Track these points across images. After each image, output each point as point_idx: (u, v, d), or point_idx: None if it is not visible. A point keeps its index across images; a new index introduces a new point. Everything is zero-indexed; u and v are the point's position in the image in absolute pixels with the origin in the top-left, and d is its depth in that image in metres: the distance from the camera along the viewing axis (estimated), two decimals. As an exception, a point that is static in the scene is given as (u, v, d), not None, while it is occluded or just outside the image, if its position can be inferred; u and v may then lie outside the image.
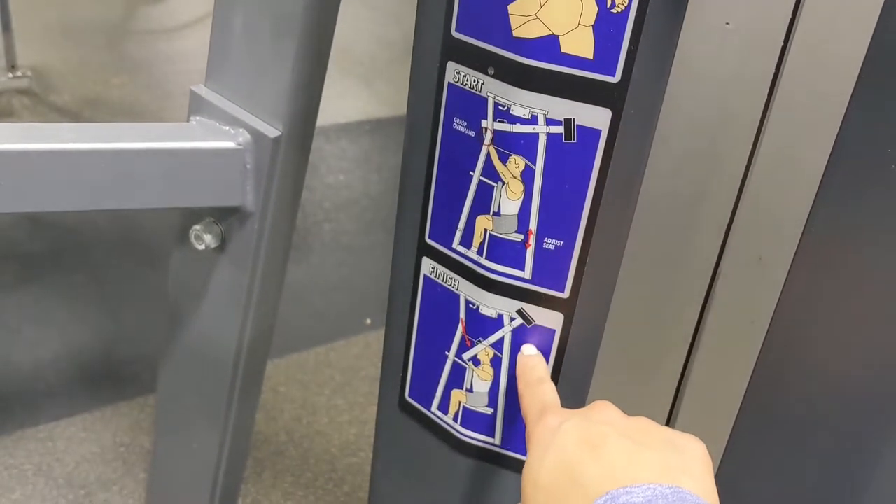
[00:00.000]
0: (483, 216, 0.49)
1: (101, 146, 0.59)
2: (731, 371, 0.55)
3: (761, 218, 0.53)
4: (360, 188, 2.52)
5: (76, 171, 0.58)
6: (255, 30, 0.61)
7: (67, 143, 0.58)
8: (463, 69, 0.47)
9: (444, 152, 0.50)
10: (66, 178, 0.58)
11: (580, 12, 0.42)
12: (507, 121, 0.46)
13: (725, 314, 0.54)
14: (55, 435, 1.50)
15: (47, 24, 3.13)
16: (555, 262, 0.49)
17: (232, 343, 0.73)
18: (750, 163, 0.51)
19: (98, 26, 3.25)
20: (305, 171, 0.68)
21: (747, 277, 0.54)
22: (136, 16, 3.48)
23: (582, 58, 0.43)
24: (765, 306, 0.53)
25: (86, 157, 0.58)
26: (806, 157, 0.47)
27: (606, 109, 0.44)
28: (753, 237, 0.53)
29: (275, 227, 0.66)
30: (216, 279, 0.70)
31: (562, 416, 0.45)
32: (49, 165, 0.57)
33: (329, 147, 2.67)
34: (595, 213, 0.47)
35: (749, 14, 0.49)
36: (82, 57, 2.96)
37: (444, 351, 0.55)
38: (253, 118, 0.62)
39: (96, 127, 0.60)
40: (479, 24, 0.45)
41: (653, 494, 0.37)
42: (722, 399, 0.55)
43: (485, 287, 0.51)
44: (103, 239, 2.07)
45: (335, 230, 2.31)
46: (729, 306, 0.54)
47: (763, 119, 0.49)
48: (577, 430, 0.42)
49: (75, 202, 0.59)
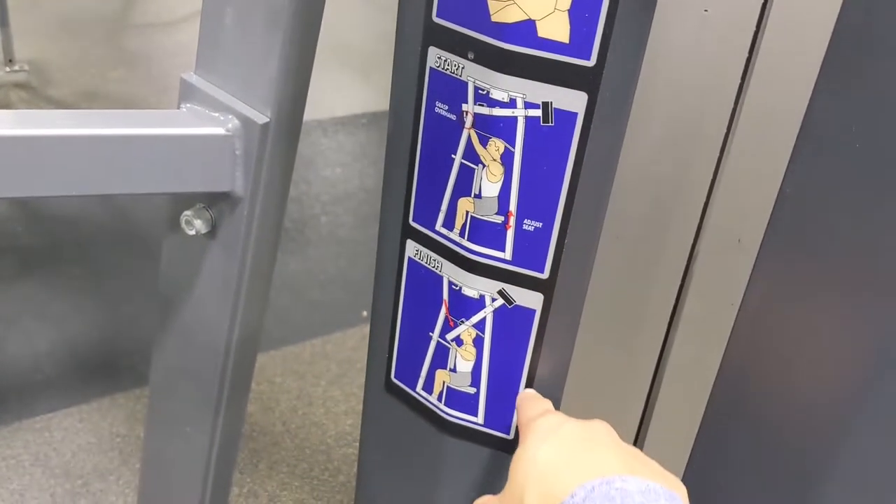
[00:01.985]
0: (465, 198, 0.51)
1: (92, 132, 0.60)
2: (707, 351, 0.56)
3: (739, 200, 0.54)
4: (357, 181, 2.53)
5: (67, 157, 0.59)
6: (244, 18, 0.62)
7: (58, 129, 0.59)
8: (444, 54, 0.48)
9: (426, 136, 0.51)
10: (56, 163, 0.59)
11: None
12: (487, 104, 0.47)
13: (703, 295, 0.55)
14: (52, 425, 1.51)
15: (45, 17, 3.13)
16: (534, 243, 0.50)
17: (223, 328, 0.74)
18: (725, 144, 0.52)
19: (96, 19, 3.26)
20: (294, 158, 0.69)
21: (725, 259, 0.55)
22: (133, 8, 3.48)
23: (558, 42, 0.44)
24: (742, 288, 0.54)
25: (76, 143, 0.59)
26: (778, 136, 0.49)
27: (582, 93, 0.45)
28: (731, 219, 0.54)
29: (264, 212, 0.67)
30: (207, 264, 0.71)
31: (565, 418, 0.47)
32: (39, 151, 0.58)
33: (326, 140, 2.68)
34: (573, 194, 0.49)
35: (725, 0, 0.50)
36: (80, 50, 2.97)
37: (429, 332, 0.56)
38: (242, 105, 0.63)
39: (87, 113, 0.61)
40: (459, 9, 0.46)
41: (647, 488, 0.38)
42: (699, 377, 0.56)
43: (467, 268, 0.52)
44: (101, 231, 2.08)
45: (332, 223, 2.32)
46: (706, 287, 0.55)
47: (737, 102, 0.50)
48: (581, 430, 0.44)
49: (65, 188, 0.60)
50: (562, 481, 0.40)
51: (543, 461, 0.42)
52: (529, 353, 0.53)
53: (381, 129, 2.80)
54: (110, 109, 0.57)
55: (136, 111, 0.63)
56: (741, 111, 0.52)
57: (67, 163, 0.59)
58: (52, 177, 0.59)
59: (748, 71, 0.51)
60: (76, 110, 0.61)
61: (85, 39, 3.11)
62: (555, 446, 0.43)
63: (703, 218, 0.55)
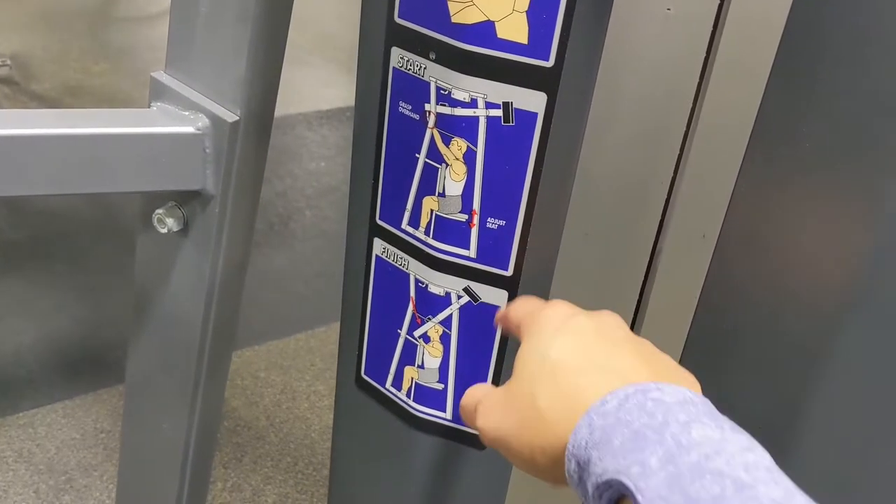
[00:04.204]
0: (429, 197, 0.51)
1: (62, 132, 0.60)
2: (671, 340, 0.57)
3: (700, 195, 0.55)
4: (342, 175, 2.53)
5: (37, 157, 0.59)
6: (213, 17, 0.62)
7: (27, 129, 0.59)
8: (406, 54, 0.49)
9: (390, 135, 0.52)
10: (26, 163, 0.59)
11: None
12: (449, 104, 0.48)
13: (666, 289, 0.56)
14: (36, 421, 1.51)
15: (28, 11, 3.11)
16: (498, 241, 0.51)
17: (197, 324, 0.75)
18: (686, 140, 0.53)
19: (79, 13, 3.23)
20: (266, 155, 0.70)
21: (688, 254, 0.56)
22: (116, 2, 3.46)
23: (517, 43, 0.45)
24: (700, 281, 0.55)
25: (47, 143, 0.59)
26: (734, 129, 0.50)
27: (542, 93, 0.46)
28: (693, 214, 0.55)
29: (236, 209, 0.68)
30: (180, 262, 0.72)
31: (573, 308, 0.42)
32: (8, 150, 0.58)
33: (310, 134, 2.68)
34: (535, 193, 0.49)
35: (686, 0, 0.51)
36: (63, 44, 2.95)
37: (397, 329, 0.56)
38: (212, 103, 0.63)
39: (58, 113, 0.61)
40: (420, 10, 0.47)
41: (684, 398, 0.34)
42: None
43: (433, 266, 0.53)
44: (84, 226, 2.07)
45: (316, 216, 2.32)
46: (669, 281, 0.56)
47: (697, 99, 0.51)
48: (594, 324, 0.39)
49: (36, 187, 0.60)
50: (582, 382, 0.36)
51: (556, 358, 0.37)
52: (496, 350, 0.54)
53: (366, 122, 2.79)
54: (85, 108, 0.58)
55: (105, 110, 0.64)
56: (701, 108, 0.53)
57: (38, 162, 0.59)
58: (21, 176, 0.59)
59: (707, 68, 0.52)
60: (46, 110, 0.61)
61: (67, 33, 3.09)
62: (568, 342, 0.38)
63: (666, 213, 0.56)
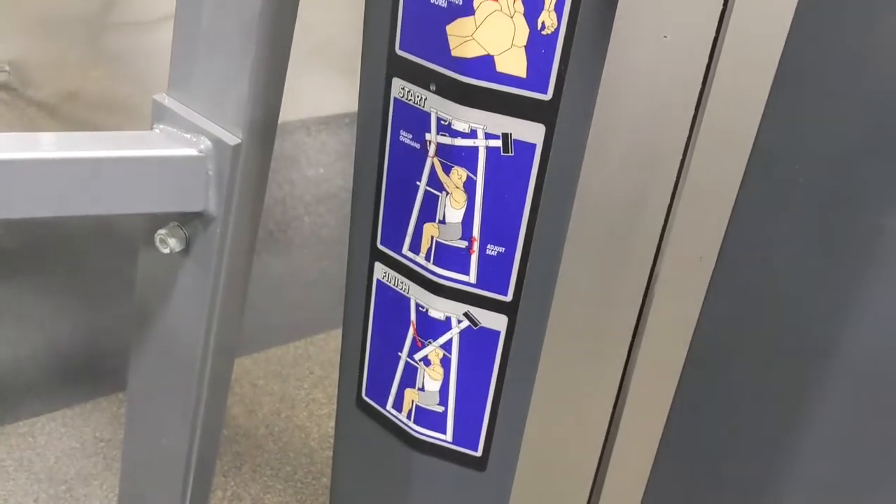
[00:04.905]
0: (430, 224, 0.52)
1: (68, 155, 0.61)
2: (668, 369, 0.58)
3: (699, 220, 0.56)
4: (341, 181, 2.53)
5: (42, 180, 0.60)
6: (214, 41, 0.63)
7: (33, 153, 0.60)
8: (407, 85, 0.49)
9: (392, 163, 0.52)
10: (31, 185, 0.60)
11: (513, 34, 0.44)
12: (449, 134, 0.48)
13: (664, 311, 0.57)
14: (35, 430, 1.52)
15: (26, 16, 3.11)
16: (497, 267, 0.52)
17: (199, 342, 0.75)
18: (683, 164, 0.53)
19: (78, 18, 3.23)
20: (267, 176, 0.70)
21: (685, 277, 0.57)
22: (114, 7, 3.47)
23: (516, 76, 0.46)
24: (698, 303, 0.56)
25: (51, 166, 0.60)
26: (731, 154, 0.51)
27: (540, 125, 0.47)
28: (690, 237, 0.56)
29: (237, 230, 0.68)
30: (181, 281, 0.72)
31: None
32: (14, 174, 0.59)
33: (309, 140, 2.68)
34: (533, 220, 0.50)
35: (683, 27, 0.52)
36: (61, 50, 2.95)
37: (397, 351, 0.57)
38: (214, 126, 0.64)
39: (61, 136, 0.62)
40: (421, 43, 0.48)
41: None
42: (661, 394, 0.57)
43: (433, 291, 0.53)
44: (83, 231, 2.07)
45: (315, 223, 2.32)
46: (667, 305, 0.56)
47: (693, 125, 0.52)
48: None
49: (40, 209, 0.61)
50: None
51: None
52: (495, 373, 0.55)
53: (364, 128, 2.79)
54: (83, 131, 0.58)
55: (108, 133, 0.64)
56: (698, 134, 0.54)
57: (42, 185, 0.60)
58: (25, 199, 0.60)
59: (703, 95, 0.53)
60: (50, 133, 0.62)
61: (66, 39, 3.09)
62: None
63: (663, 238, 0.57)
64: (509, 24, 0.44)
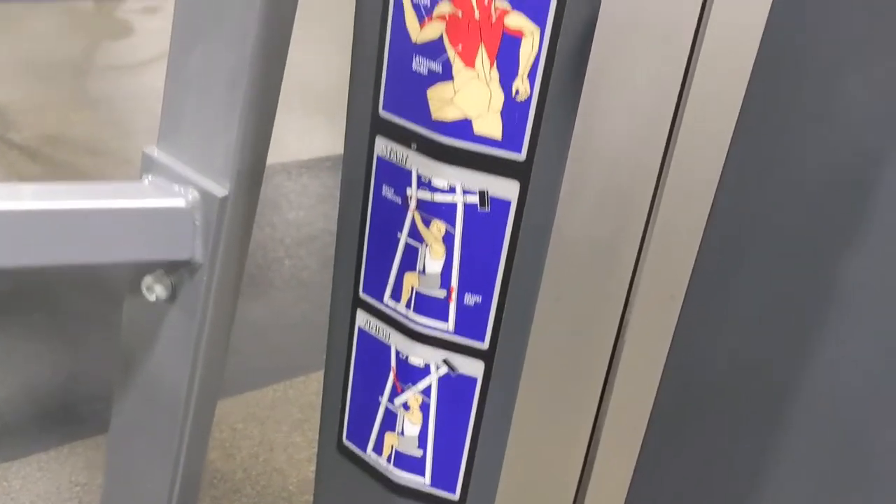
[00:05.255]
0: (410, 274, 0.54)
1: (58, 206, 0.63)
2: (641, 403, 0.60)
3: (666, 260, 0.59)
4: (321, 224, 2.56)
5: (32, 230, 0.62)
6: (203, 97, 0.66)
7: (24, 204, 0.61)
8: (390, 143, 0.52)
9: (374, 216, 0.55)
10: (21, 235, 0.62)
11: (489, 99, 0.47)
12: (429, 190, 0.51)
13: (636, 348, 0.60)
14: (10, 474, 1.50)
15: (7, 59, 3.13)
16: (475, 315, 0.54)
17: (182, 387, 0.77)
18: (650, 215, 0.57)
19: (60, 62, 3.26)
20: (252, 225, 0.73)
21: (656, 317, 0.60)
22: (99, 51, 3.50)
23: (492, 138, 0.49)
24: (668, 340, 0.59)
25: (42, 217, 0.62)
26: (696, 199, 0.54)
27: (515, 182, 0.50)
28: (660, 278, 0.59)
29: (222, 278, 0.70)
30: (167, 327, 0.74)
31: None
32: (6, 224, 0.61)
33: (290, 184, 2.71)
34: (509, 271, 0.53)
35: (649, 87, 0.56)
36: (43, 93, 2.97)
37: (378, 396, 0.59)
38: (202, 178, 0.67)
39: (53, 186, 0.64)
40: (404, 106, 0.51)
41: None
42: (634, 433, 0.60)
43: (413, 338, 0.56)
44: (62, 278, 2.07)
45: (295, 266, 2.34)
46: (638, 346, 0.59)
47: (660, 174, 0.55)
48: None
49: (30, 259, 0.63)
50: None
51: None
52: (473, 417, 0.57)
53: (344, 171, 2.82)
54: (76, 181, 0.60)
55: (99, 183, 0.66)
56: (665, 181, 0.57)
57: (32, 236, 0.62)
58: (15, 249, 0.62)
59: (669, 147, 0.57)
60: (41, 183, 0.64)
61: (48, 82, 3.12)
62: None
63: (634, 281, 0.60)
64: (486, 91, 0.47)
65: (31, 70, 3.12)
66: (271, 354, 1.91)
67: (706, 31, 0.50)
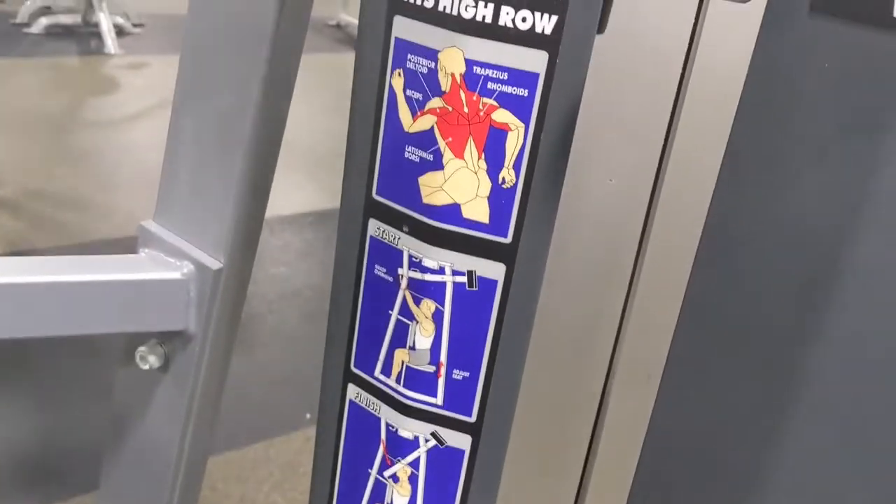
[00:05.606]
0: (400, 349, 0.57)
1: (56, 279, 0.65)
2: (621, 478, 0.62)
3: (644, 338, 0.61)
4: (303, 280, 2.57)
5: (29, 303, 0.64)
6: (200, 174, 0.69)
7: (23, 277, 0.63)
8: (382, 225, 0.55)
9: (366, 294, 0.57)
10: (19, 308, 0.63)
11: (477, 186, 0.50)
12: (420, 270, 0.54)
13: (615, 425, 0.62)
14: (-15, 539, 1.48)
15: (-8, 115, 3.15)
16: (463, 390, 0.56)
17: (173, 452, 0.78)
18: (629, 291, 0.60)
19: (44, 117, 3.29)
20: (245, 296, 0.75)
21: (635, 395, 0.62)
22: (83, 107, 3.53)
23: (480, 222, 0.51)
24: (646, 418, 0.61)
25: (40, 290, 0.64)
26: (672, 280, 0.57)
27: (501, 264, 0.52)
28: (638, 357, 0.62)
29: (215, 346, 0.72)
30: (159, 394, 0.75)
31: None
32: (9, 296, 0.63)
33: (273, 240, 2.73)
34: (496, 347, 0.55)
35: (626, 173, 0.59)
36: (27, 148, 2.99)
37: (368, 468, 0.61)
38: (197, 251, 0.69)
39: (53, 260, 0.65)
40: (396, 190, 0.53)
41: None
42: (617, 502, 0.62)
43: (403, 412, 0.58)
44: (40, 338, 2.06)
45: (277, 321, 2.35)
46: (618, 422, 0.61)
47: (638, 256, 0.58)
48: None
49: (24, 330, 0.65)
50: None
51: None
52: (460, 490, 0.58)
53: (326, 227, 2.86)
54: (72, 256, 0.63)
55: (97, 257, 0.68)
56: (643, 264, 0.60)
57: (29, 308, 0.64)
58: (10, 321, 0.64)
59: (646, 231, 0.60)
60: (42, 257, 0.66)
61: (31, 137, 3.14)
62: None
63: (613, 359, 0.62)
64: (474, 179, 0.50)
65: (16, 125, 3.15)
66: (252, 412, 1.91)
67: (678, 128, 0.53)
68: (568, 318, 0.58)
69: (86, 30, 4.29)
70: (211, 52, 0.67)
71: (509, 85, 0.48)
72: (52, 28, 4.23)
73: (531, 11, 0.47)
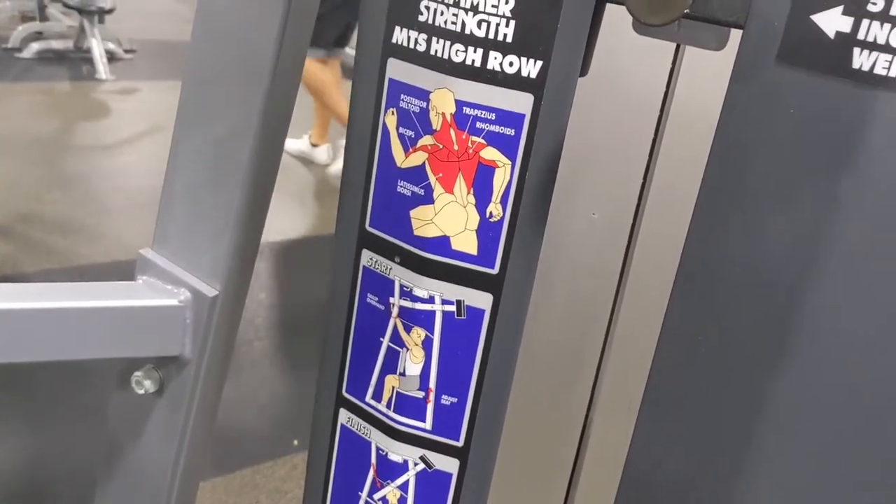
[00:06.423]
0: (391, 376, 0.59)
1: (54, 305, 0.66)
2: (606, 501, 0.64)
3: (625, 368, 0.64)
4: (290, 305, 2.58)
5: (28, 328, 0.66)
6: (197, 203, 0.71)
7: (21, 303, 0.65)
8: (375, 256, 0.57)
9: (359, 322, 0.59)
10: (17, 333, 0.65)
11: (466, 220, 0.53)
12: (410, 299, 0.56)
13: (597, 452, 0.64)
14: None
15: (-19, 139, 3.17)
16: (451, 415, 0.58)
17: (166, 475, 0.79)
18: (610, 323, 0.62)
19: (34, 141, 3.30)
20: (239, 321, 0.77)
21: (617, 421, 0.64)
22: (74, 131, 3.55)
23: (468, 254, 0.54)
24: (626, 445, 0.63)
25: (43, 315, 0.66)
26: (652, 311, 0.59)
27: (489, 294, 0.55)
28: (619, 386, 0.64)
29: (210, 371, 0.74)
30: (154, 419, 0.77)
31: None
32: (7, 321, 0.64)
33: (262, 265, 2.75)
34: (483, 373, 0.57)
35: (608, 207, 0.62)
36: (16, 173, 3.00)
37: (358, 491, 0.62)
38: (194, 279, 0.71)
39: (54, 287, 0.67)
40: (388, 223, 0.56)
41: None
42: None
43: (393, 436, 0.60)
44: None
45: (265, 348, 2.35)
46: (600, 447, 0.64)
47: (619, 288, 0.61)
48: None
49: (22, 355, 0.66)
50: None
51: None
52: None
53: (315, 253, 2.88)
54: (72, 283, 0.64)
55: (95, 283, 0.70)
56: (623, 295, 0.63)
57: (33, 332, 0.66)
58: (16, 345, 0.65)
59: (626, 262, 0.62)
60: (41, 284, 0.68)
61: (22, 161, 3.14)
62: None
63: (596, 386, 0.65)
64: (463, 213, 0.53)
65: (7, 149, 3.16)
66: (239, 439, 1.91)
67: (657, 165, 0.56)
68: (553, 345, 0.60)
69: (77, 55, 4.32)
70: (212, 83, 0.70)
71: (497, 125, 0.51)
72: (44, 53, 4.26)
73: (518, 57, 0.50)
